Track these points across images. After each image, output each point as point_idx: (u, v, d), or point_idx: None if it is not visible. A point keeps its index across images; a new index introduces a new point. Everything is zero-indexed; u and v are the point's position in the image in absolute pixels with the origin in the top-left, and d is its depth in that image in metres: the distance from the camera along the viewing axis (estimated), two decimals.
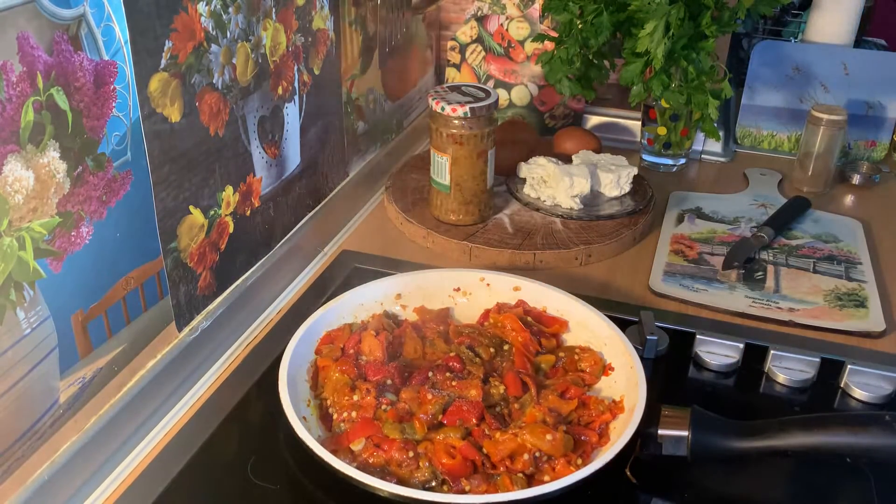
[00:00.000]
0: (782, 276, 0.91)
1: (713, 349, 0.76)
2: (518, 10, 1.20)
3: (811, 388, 0.74)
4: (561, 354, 0.72)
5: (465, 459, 0.60)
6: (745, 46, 1.34)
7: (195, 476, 0.63)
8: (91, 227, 0.58)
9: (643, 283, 0.89)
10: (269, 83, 0.79)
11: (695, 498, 0.63)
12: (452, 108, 0.88)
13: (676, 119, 1.12)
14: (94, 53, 0.56)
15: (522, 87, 1.24)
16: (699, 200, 1.07)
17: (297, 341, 0.69)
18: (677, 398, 0.64)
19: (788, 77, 1.21)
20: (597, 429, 0.64)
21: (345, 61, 0.96)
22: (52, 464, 0.58)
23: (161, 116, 0.64)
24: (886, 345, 0.81)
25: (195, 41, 0.66)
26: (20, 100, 0.50)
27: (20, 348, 0.54)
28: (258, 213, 0.82)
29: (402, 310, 0.78)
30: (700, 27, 0.96)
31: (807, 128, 1.10)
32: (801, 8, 1.41)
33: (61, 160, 0.54)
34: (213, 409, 0.70)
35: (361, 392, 0.65)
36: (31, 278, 0.53)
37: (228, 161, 0.74)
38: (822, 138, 1.08)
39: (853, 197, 1.12)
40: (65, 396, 0.59)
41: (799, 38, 1.31)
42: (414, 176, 1.07)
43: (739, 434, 0.61)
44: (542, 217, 0.98)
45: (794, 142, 1.23)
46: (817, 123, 1.08)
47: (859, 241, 0.99)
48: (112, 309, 0.63)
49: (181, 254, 0.70)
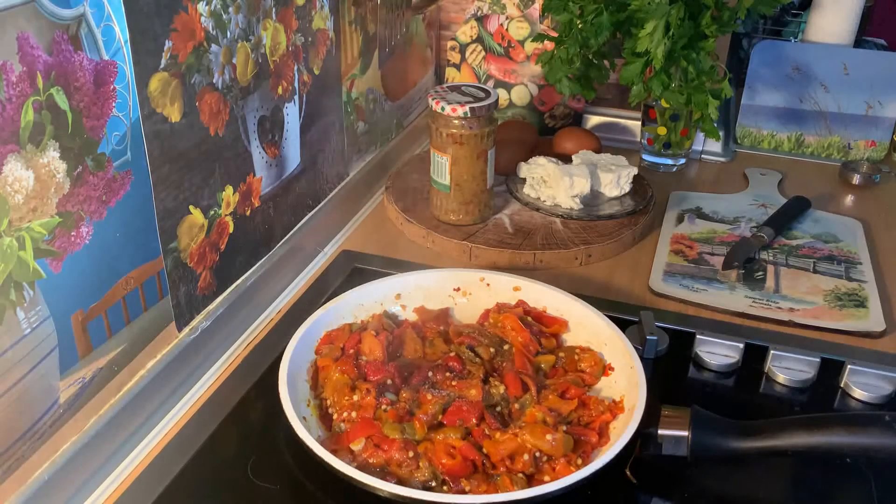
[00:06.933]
0: (782, 276, 0.91)
1: (713, 349, 0.76)
2: (518, 10, 1.20)
3: (811, 388, 0.74)
4: (561, 354, 0.72)
5: (465, 459, 0.60)
6: (745, 46, 1.34)
7: (195, 476, 0.63)
8: (91, 227, 0.58)
9: (643, 283, 0.89)
10: (269, 83, 0.79)
11: (695, 498, 0.63)
12: (452, 108, 0.88)
13: (676, 119, 1.12)
14: (94, 53, 0.56)
15: (522, 87, 1.24)
16: (699, 200, 1.07)
17: (297, 341, 0.69)
18: (677, 398, 0.64)
19: (788, 77, 1.21)
20: (597, 429, 0.64)
21: (345, 61, 0.96)
22: (52, 464, 0.58)
23: (161, 116, 0.64)
24: (886, 345, 0.80)
25: (195, 41, 0.66)
26: (20, 100, 0.50)
27: (20, 348, 0.54)
28: (258, 213, 0.82)
29: (402, 310, 0.78)
30: (700, 27, 0.96)
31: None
32: (801, 8, 1.41)
33: (61, 160, 0.54)
34: (213, 409, 0.70)
35: (361, 392, 0.65)
36: (31, 278, 0.53)
37: (228, 161, 0.74)
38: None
39: (853, 197, 1.12)
40: (65, 396, 0.59)
41: (799, 38, 1.31)
42: (414, 176, 1.07)
43: (739, 434, 0.61)
44: (542, 217, 0.98)
45: (793, 142, 1.23)
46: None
47: (859, 241, 0.98)
48: (112, 309, 0.63)
49: (181, 254, 0.70)
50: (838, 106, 1.20)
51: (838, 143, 1.22)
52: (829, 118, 1.21)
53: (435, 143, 0.92)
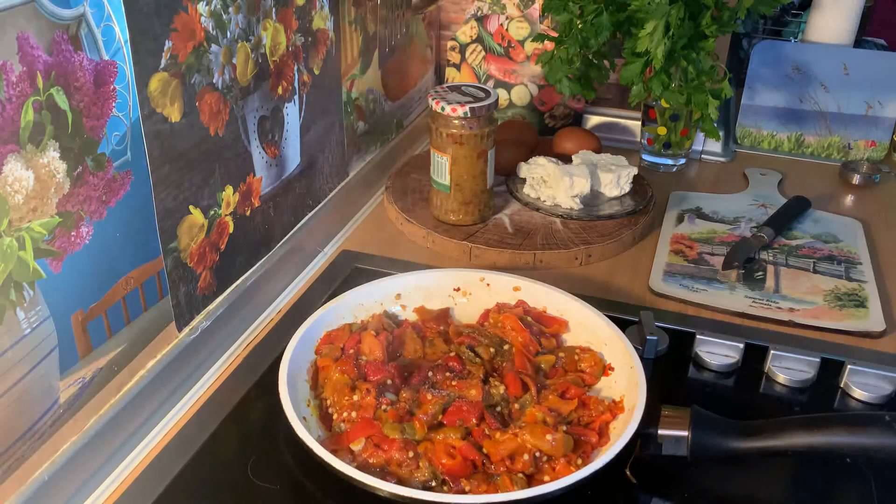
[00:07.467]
0: (782, 276, 0.91)
1: (713, 349, 0.76)
2: (518, 10, 1.20)
3: (811, 388, 0.74)
4: (561, 354, 0.72)
5: (465, 459, 0.60)
6: (745, 46, 1.34)
7: (195, 476, 0.63)
8: (91, 227, 0.58)
9: (643, 283, 0.89)
10: (269, 83, 0.79)
11: (695, 498, 0.63)
12: (452, 108, 0.88)
13: (676, 119, 1.12)
14: (94, 53, 0.56)
15: (522, 87, 1.24)
16: (699, 200, 1.07)
17: (297, 341, 0.69)
18: (677, 398, 0.64)
19: (788, 77, 1.21)
20: (597, 429, 0.64)
21: (345, 61, 0.96)
22: (52, 464, 0.58)
23: (161, 116, 0.64)
24: (886, 345, 0.80)
25: (195, 41, 0.66)
26: (20, 100, 0.50)
27: (20, 348, 0.54)
28: (258, 213, 0.82)
29: (402, 310, 0.78)
30: (700, 27, 0.96)
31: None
32: (801, 8, 1.41)
33: (61, 160, 0.54)
34: (213, 409, 0.70)
35: (361, 392, 0.65)
36: (31, 278, 0.53)
37: (228, 161, 0.74)
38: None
39: (853, 197, 1.12)
40: (65, 396, 0.59)
41: (799, 38, 1.31)
42: (414, 176, 1.07)
43: (739, 434, 0.61)
44: (542, 217, 0.98)
45: (793, 142, 1.23)
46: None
47: (859, 241, 0.98)
48: (112, 309, 0.63)
49: (181, 254, 0.70)
50: (838, 106, 1.20)
51: (838, 143, 1.22)
52: (829, 118, 1.21)
53: (435, 143, 0.92)
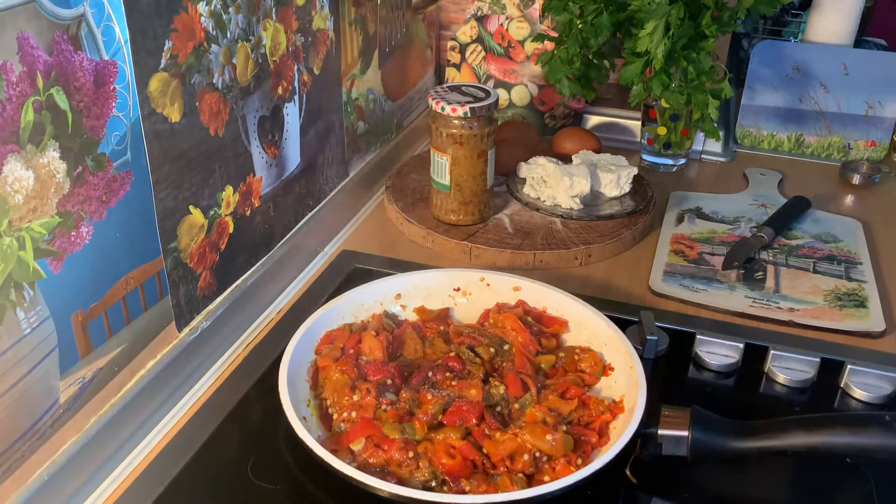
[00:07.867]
0: (782, 276, 0.91)
1: (713, 349, 0.76)
2: (518, 10, 1.20)
3: (811, 388, 0.74)
4: (561, 354, 0.72)
5: (465, 459, 0.60)
6: (745, 46, 1.35)
7: (195, 476, 0.63)
8: (91, 227, 0.58)
9: (643, 283, 0.89)
10: (269, 83, 0.79)
11: (695, 498, 0.63)
12: (452, 108, 0.88)
13: (676, 119, 1.12)
14: (94, 53, 0.56)
15: (522, 87, 1.24)
16: (699, 200, 1.07)
17: (297, 341, 0.69)
18: (677, 398, 0.64)
19: (788, 77, 1.21)
20: (597, 429, 0.64)
21: (345, 61, 0.96)
22: (52, 464, 0.58)
23: (161, 116, 0.64)
24: (886, 345, 0.80)
25: (195, 41, 0.66)
26: (20, 100, 0.50)
27: (20, 348, 0.54)
28: (258, 213, 0.82)
29: (402, 310, 0.78)
30: (700, 27, 0.96)
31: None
32: (801, 8, 1.41)
33: (61, 160, 0.54)
34: (213, 409, 0.70)
35: (361, 392, 0.65)
36: (31, 278, 0.53)
37: (228, 161, 0.74)
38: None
39: (853, 197, 1.12)
40: (65, 396, 0.59)
41: (799, 38, 1.32)
42: (414, 176, 1.07)
43: (739, 434, 0.61)
44: (542, 217, 0.98)
45: (793, 142, 1.23)
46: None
47: (859, 241, 0.98)
48: (112, 309, 0.63)
49: (181, 254, 0.70)
50: (838, 106, 1.20)
51: (838, 144, 1.22)
52: (829, 118, 1.21)
53: (435, 143, 0.92)
